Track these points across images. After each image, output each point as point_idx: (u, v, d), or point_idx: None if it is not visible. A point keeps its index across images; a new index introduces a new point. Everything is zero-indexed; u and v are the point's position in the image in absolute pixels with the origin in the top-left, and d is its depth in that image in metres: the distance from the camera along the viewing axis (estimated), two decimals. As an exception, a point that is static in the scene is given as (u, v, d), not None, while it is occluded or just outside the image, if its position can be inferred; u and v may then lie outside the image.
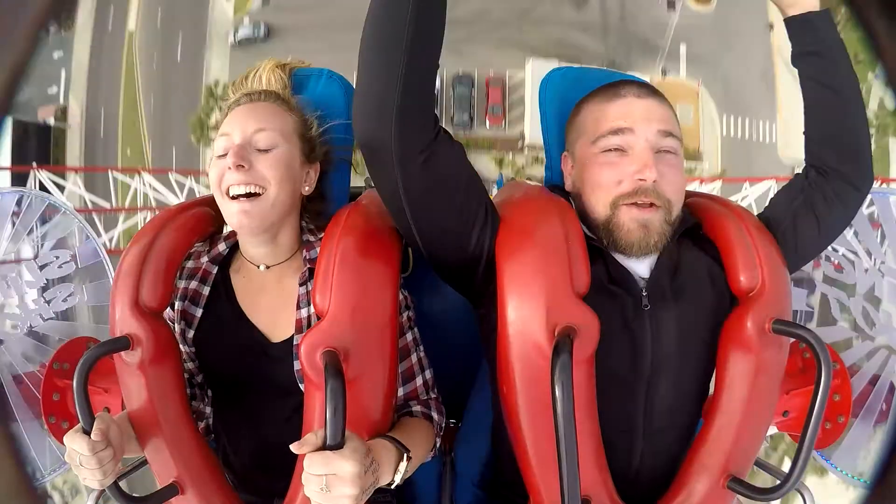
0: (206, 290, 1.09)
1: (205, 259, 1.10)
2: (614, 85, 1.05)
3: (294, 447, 0.80)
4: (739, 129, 9.46)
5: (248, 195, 1.00)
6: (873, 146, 1.14)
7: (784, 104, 9.73)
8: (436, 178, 0.92)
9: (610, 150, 0.99)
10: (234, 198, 1.00)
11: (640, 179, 0.96)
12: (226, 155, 1.01)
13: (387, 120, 0.87)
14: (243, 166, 0.99)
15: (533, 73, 8.26)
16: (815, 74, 1.05)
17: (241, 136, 1.02)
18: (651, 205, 0.97)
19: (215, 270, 1.10)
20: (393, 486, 0.93)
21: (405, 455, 0.92)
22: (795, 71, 1.08)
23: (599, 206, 1.00)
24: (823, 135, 1.07)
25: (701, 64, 9.68)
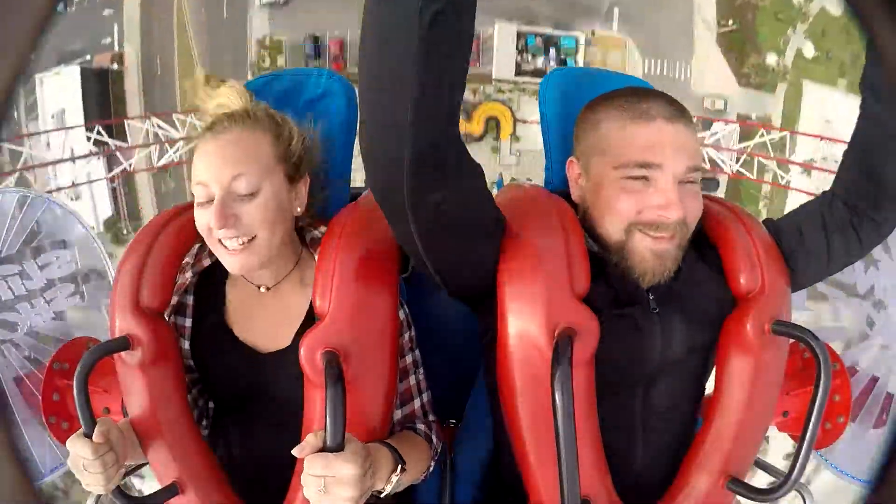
0: (189, 300, 1.07)
1: (189, 274, 1.07)
2: (641, 99, 0.96)
3: (296, 451, 0.80)
4: (658, 68, 12.13)
5: (241, 244, 0.95)
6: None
7: (698, 51, 12.15)
8: (451, 221, 0.86)
9: (633, 178, 0.94)
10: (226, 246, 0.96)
11: (663, 215, 0.92)
12: (207, 202, 0.95)
13: (398, 172, 0.78)
14: (230, 222, 0.93)
15: (499, 32, 12.05)
16: (873, 111, 0.95)
17: (219, 187, 0.94)
18: (671, 236, 0.94)
19: (196, 279, 1.07)
20: (382, 496, 0.92)
21: (400, 466, 0.91)
22: (711, 23, 0.96)
23: (613, 228, 0.96)
24: (861, 171, 1.00)
25: (631, 20, 12.27)
